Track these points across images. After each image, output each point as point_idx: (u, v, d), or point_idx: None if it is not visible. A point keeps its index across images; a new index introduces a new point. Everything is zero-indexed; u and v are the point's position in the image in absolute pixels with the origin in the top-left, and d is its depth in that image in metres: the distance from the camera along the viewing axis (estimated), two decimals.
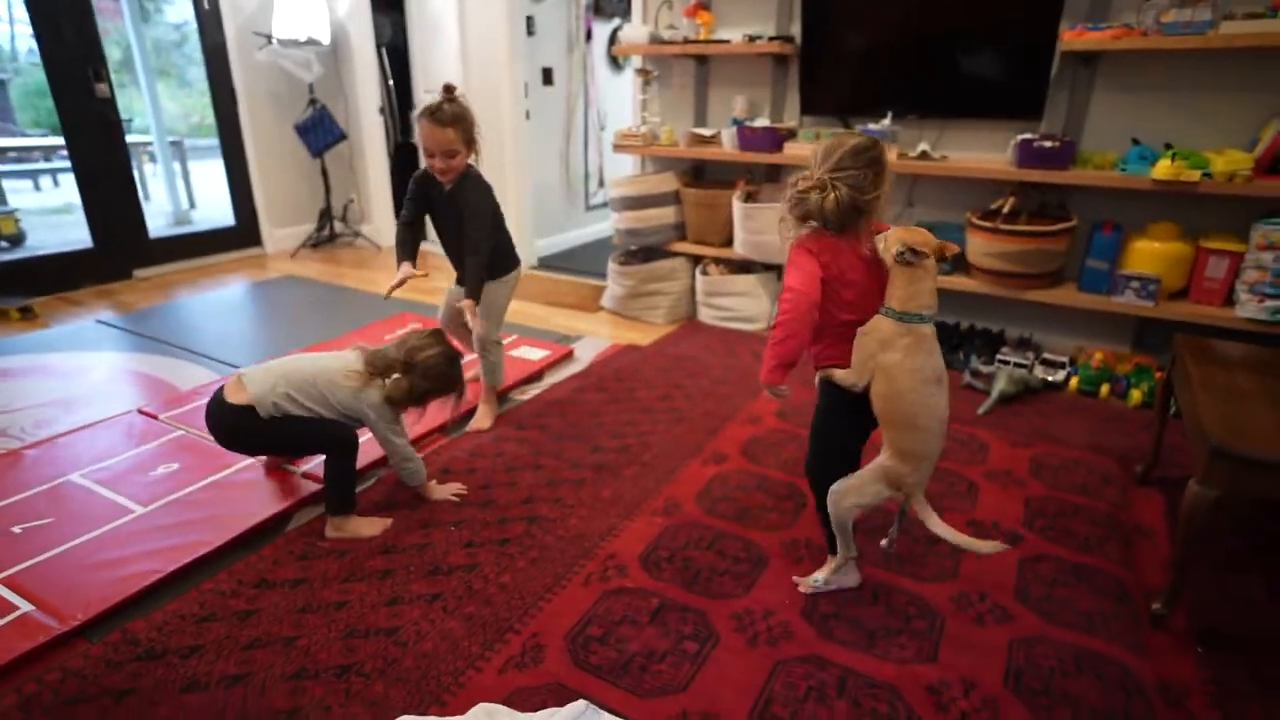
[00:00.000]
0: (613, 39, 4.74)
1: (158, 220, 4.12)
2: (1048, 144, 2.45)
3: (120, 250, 3.88)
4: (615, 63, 4.83)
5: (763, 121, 3.06)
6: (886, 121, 2.78)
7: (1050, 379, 2.56)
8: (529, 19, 3.99)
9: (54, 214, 5.86)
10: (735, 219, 3.03)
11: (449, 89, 1.96)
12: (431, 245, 2.35)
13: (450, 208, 2.07)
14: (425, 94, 1.80)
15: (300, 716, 1.21)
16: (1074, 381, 2.54)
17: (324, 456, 1.71)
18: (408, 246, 2.08)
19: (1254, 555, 1.66)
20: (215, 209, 5.43)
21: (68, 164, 6.88)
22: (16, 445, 2.11)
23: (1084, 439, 2.19)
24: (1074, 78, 2.53)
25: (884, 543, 1.67)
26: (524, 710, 1.21)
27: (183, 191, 5.44)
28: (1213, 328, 2.30)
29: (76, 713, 1.22)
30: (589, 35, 4.48)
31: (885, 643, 1.38)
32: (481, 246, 2.05)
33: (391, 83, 4.38)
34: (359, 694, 1.26)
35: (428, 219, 2.15)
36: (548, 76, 4.27)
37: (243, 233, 4.47)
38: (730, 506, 1.82)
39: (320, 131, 4.39)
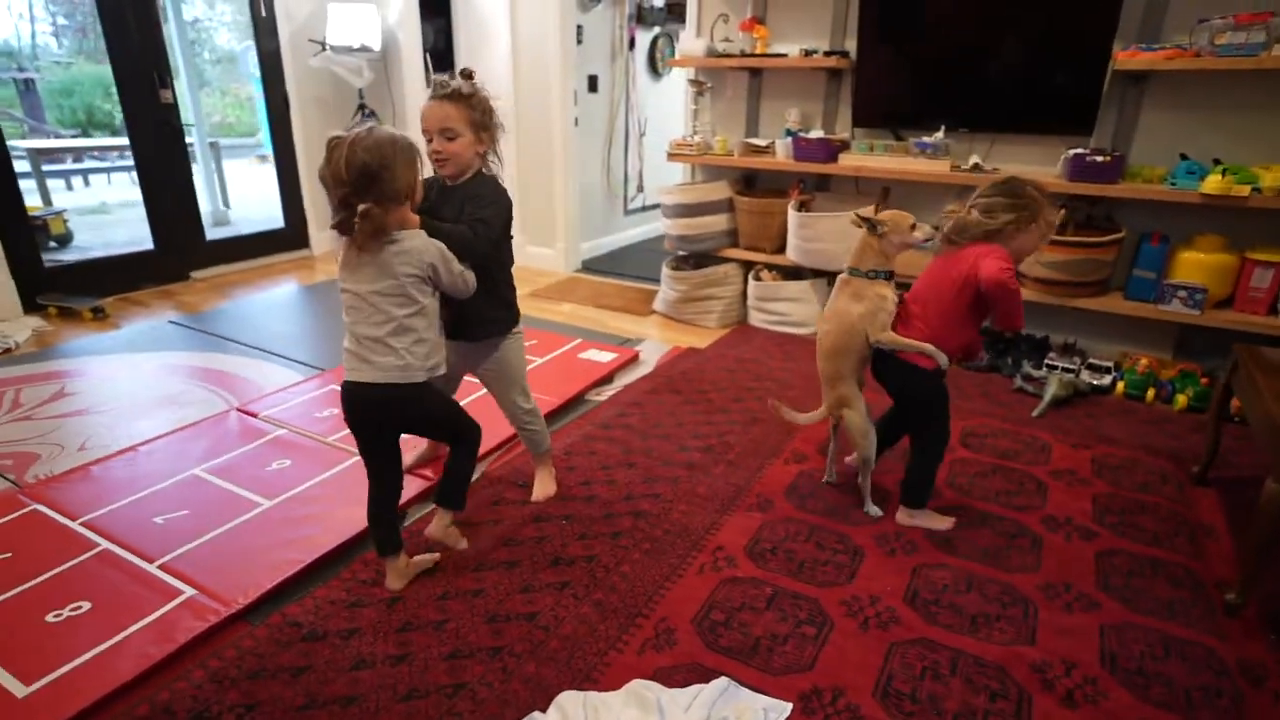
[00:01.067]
0: (653, 46, 4.86)
1: None
2: (1099, 159, 2.56)
3: (179, 252, 3.98)
4: (655, 69, 4.94)
5: (816, 133, 3.18)
6: (939, 135, 2.89)
7: (1096, 383, 2.68)
8: (578, 28, 4.10)
9: (90, 214, 5.96)
10: (790, 226, 3.14)
11: (466, 73, 1.63)
12: None
13: (447, 206, 1.59)
14: None
15: (466, 691, 1.33)
16: (1120, 386, 2.66)
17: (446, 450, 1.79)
18: None
19: None
20: (244, 208, 5.52)
21: (99, 165, 6.93)
22: (126, 443, 2.21)
23: (1136, 440, 2.31)
24: (1123, 95, 2.65)
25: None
26: (670, 687, 1.33)
27: (218, 192, 5.56)
28: (1257, 335, 2.42)
29: (261, 686, 1.33)
30: (632, 43, 4.59)
31: (986, 627, 1.50)
32: (481, 233, 1.55)
33: None
34: (515, 672, 1.37)
35: None
36: (593, 84, 4.38)
37: (291, 235, 4.57)
38: (818, 503, 1.94)
39: None
